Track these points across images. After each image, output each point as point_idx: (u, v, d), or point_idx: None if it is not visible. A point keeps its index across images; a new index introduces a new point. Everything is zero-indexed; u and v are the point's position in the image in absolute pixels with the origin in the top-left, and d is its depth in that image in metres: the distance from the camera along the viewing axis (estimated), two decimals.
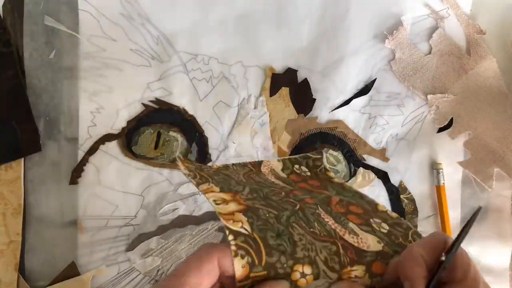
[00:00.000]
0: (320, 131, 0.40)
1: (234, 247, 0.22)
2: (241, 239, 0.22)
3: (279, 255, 0.23)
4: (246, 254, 0.22)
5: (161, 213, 0.38)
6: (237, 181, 0.28)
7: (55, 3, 0.35)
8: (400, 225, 0.28)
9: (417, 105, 0.42)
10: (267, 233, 0.23)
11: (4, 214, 0.36)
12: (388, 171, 0.42)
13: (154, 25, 0.37)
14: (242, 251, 0.22)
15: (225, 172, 0.29)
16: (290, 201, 0.27)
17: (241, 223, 0.23)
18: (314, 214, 0.27)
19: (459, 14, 0.41)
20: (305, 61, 0.39)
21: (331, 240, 0.25)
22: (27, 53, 0.35)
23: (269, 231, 0.23)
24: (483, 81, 0.42)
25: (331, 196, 0.30)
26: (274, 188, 0.29)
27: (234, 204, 0.24)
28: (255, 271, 0.22)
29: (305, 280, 0.23)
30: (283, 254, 0.23)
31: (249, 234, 0.22)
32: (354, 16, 0.40)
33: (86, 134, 0.37)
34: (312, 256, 0.24)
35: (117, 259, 0.38)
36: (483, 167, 0.42)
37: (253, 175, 0.30)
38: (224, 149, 0.39)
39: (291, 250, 0.23)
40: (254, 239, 0.22)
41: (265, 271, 0.22)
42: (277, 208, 0.25)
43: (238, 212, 0.24)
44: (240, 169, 0.30)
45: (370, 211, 0.29)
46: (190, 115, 0.38)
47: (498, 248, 0.44)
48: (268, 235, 0.23)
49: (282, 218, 0.25)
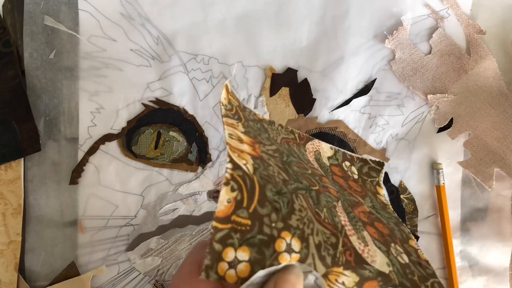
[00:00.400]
0: (320, 131, 0.40)
1: (229, 175, 0.19)
2: (239, 173, 0.20)
3: (271, 210, 0.20)
4: (237, 189, 0.19)
5: (161, 213, 0.38)
6: (270, 138, 0.25)
7: (55, 3, 0.36)
8: (424, 268, 0.25)
9: (417, 105, 0.42)
10: (267, 184, 0.21)
11: (4, 214, 0.36)
12: (388, 171, 0.42)
13: (154, 25, 0.37)
14: (235, 184, 0.19)
15: (265, 125, 0.26)
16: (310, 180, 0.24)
17: (245, 162, 0.21)
18: (329, 203, 0.24)
19: (459, 14, 0.41)
20: (305, 61, 0.39)
21: (334, 232, 0.23)
22: (27, 53, 0.35)
23: (270, 184, 0.21)
24: (483, 81, 0.42)
25: (362, 204, 0.27)
26: (304, 164, 0.26)
27: (248, 148, 0.22)
28: (240, 214, 0.19)
29: (289, 257, 0.20)
30: (275, 212, 0.20)
31: (248, 174, 0.20)
32: (354, 16, 0.40)
33: (86, 134, 0.37)
34: (306, 232, 0.21)
35: (117, 259, 0.38)
36: (483, 167, 0.42)
37: (292, 144, 0.27)
38: (224, 149, 0.39)
39: (286, 213, 0.21)
40: (252, 180, 0.20)
41: (250, 220, 0.19)
42: (291, 176, 0.23)
43: (248, 154, 0.21)
44: (283, 132, 0.28)
45: (397, 238, 0.26)
46: (190, 115, 0.38)
47: (498, 248, 0.44)
48: (267, 187, 0.21)
49: (290, 185, 0.22)
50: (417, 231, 0.43)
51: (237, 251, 0.19)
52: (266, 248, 0.19)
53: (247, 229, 0.19)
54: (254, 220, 0.19)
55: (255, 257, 0.19)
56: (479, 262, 0.43)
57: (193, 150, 0.39)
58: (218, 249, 0.18)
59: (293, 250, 0.20)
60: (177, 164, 0.38)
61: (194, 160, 0.39)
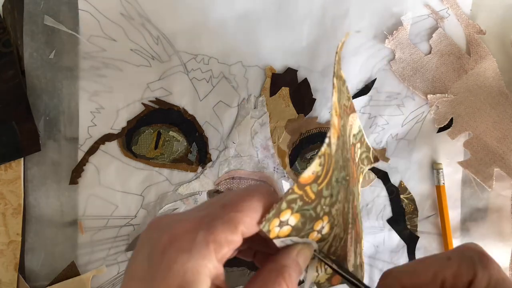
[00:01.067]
0: (320, 131, 0.40)
1: (324, 150, 0.20)
2: (328, 151, 0.21)
3: (328, 194, 0.22)
4: (322, 166, 0.21)
5: (161, 213, 0.38)
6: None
7: (55, 3, 0.35)
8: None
9: (417, 105, 0.42)
10: (335, 170, 0.23)
11: (4, 214, 0.36)
12: (388, 171, 0.42)
13: (154, 25, 0.37)
14: (323, 160, 0.21)
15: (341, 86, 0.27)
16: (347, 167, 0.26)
17: (335, 140, 0.22)
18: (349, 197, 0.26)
19: (459, 14, 0.41)
20: (305, 61, 0.39)
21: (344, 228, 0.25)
22: (27, 53, 0.35)
23: (336, 170, 0.23)
24: (483, 81, 0.42)
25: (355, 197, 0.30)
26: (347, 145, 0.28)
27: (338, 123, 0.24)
28: (312, 187, 0.21)
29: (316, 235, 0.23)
30: (330, 197, 0.22)
31: (332, 155, 0.22)
32: (354, 16, 0.40)
33: (86, 134, 0.37)
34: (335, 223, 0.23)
35: (117, 259, 0.38)
36: (483, 167, 0.42)
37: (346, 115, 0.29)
38: (224, 149, 0.39)
39: (334, 201, 0.23)
40: (331, 162, 0.22)
41: (314, 195, 0.21)
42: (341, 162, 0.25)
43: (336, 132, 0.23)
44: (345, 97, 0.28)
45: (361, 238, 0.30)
46: (190, 115, 0.38)
47: (498, 248, 0.44)
48: (335, 172, 0.23)
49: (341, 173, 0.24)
50: (417, 231, 0.43)
51: (291, 215, 0.20)
52: (309, 223, 0.21)
53: (308, 201, 0.21)
54: (317, 197, 0.21)
55: (297, 226, 0.21)
56: None
57: (193, 150, 0.39)
58: (282, 208, 0.20)
59: (321, 233, 0.23)
60: (177, 164, 0.38)
61: (194, 160, 0.39)
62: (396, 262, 0.42)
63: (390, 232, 0.42)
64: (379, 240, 0.42)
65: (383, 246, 0.42)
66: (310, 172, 0.20)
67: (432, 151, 0.42)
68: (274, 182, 0.39)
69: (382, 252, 0.42)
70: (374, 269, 0.42)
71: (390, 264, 0.42)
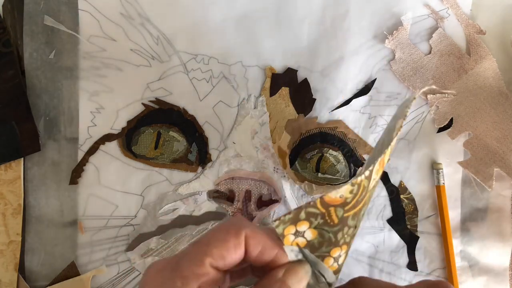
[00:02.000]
0: (320, 131, 0.40)
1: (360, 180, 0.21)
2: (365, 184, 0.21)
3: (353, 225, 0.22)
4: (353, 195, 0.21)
5: (161, 213, 0.38)
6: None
7: (55, 3, 0.36)
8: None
9: (417, 105, 0.42)
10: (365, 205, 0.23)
11: (4, 214, 0.36)
12: (388, 171, 0.42)
13: (154, 25, 0.37)
14: (356, 189, 0.21)
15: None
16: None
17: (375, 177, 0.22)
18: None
19: (459, 14, 0.41)
20: (305, 61, 0.39)
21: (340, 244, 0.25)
22: (27, 53, 0.35)
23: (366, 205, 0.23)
24: (483, 81, 0.42)
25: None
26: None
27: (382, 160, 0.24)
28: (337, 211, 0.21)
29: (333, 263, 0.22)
30: (353, 227, 0.22)
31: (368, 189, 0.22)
32: (354, 16, 0.40)
33: (86, 134, 0.37)
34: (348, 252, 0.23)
35: (117, 259, 0.38)
36: (483, 167, 0.42)
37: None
38: (224, 149, 0.39)
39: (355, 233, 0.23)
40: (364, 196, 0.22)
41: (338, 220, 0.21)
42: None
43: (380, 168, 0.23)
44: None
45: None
46: (190, 115, 0.38)
47: (498, 248, 0.43)
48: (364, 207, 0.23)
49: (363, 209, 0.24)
50: (417, 231, 0.43)
51: (308, 229, 0.20)
52: (327, 246, 0.21)
53: (330, 224, 0.21)
54: (340, 222, 0.21)
55: (313, 243, 0.21)
56: (479, 262, 0.43)
57: (193, 150, 0.39)
58: (300, 217, 0.20)
59: (338, 262, 0.22)
60: (177, 164, 0.38)
61: (194, 160, 0.39)
62: (396, 262, 0.42)
63: (390, 232, 0.42)
64: (379, 240, 0.42)
65: (383, 246, 0.42)
66: (338, 195, 0.20)
67: (432, 151, 0.42)
68: (274, 182, 0.39)
69: (382, 252, 0.42)
70: (374, 269, 0.42)
71: (390, 264, 0.42)
